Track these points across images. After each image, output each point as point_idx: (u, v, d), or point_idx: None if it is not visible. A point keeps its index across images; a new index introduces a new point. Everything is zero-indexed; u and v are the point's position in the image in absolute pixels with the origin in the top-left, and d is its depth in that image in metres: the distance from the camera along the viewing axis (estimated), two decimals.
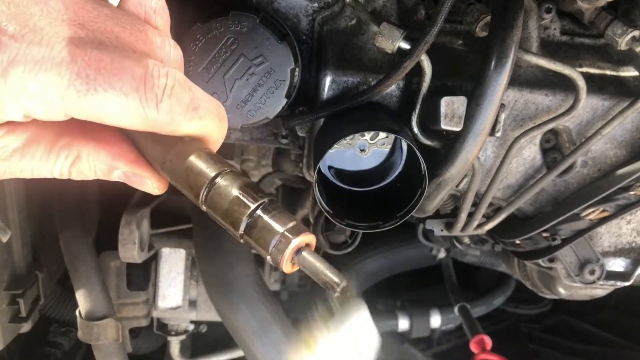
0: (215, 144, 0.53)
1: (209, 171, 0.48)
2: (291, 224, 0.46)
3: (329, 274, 0.45)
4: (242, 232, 0.47)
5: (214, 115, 0.51)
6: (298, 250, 0.46)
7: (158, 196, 1.40)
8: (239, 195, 0.47)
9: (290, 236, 0.46)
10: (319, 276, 0.46)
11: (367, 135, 0.89)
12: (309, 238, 0.47)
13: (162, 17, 0.53)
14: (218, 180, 0.48)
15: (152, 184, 0.53)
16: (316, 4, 0.88)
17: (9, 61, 0.42)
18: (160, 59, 0.49)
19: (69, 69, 0.42)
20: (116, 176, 0.52)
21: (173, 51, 0.52)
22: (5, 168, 0.49)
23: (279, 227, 0.46)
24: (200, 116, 0.49)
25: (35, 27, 0.42)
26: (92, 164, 0.50)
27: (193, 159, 0.49)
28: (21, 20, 0.42)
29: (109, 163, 0.51)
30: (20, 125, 0.47)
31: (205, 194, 0.48)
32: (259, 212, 0.47)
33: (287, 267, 0.46)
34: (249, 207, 0.47)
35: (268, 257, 0.46)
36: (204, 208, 0.49)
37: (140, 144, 0.52)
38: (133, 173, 0.52)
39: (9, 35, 0.42)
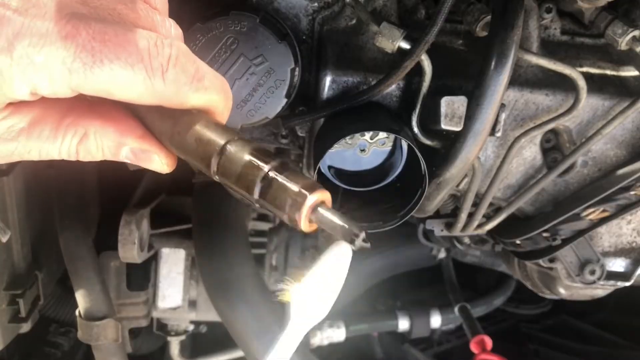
0: (222, 118, 0.53)
1: (219, 139, 0.48)
2: (306, 182, 0.46)
3: (348, 227, 0.45)
4: (258, 196, 0.47)
5: (219, 88, 0.51)
6: (315, 208, 0.46)
7: (158, 196, 1.41)
8: (251, 159, 0.47)
9: (306, 194, 0.45)
10: (338, 230, 0.45)
11: (367, 135, 0.89)
12: (324, 195, 0.46)
13: None
14: (228, 147, 0.48)
15: (160, 160, 0.52)
16: (316, 4, 0.88)
17: (15, 35, 0.42)
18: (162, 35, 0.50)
19: (75, 42, 0.42)
20: (124, 155, 0.51)
21: (173, 29, 0.52)
22: (13, 149, 0.49)
23: (294, 186, 0.46)
24: (205, 87, 0.49)
25: (39, 1, 0.43)
26: (99, 142, 0.50)
27: (202, 129, 0.49)
28: (32, 2, 0.43)
29: (116, 140, 0.50)
30: (26, 104, 0.47)
31: (216, 161, 0.48)
32: (272, 173, 0.47)
33: (305, 225, 0.46)
34: (262, 169, 0.47)
35: (285, 217, 0.46)
36: (216, 178, 0.49)
37: (148, 120, 0.51)
38: (141, 149, 0.51)
39: (13, 9, 0.42)
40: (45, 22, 0.42)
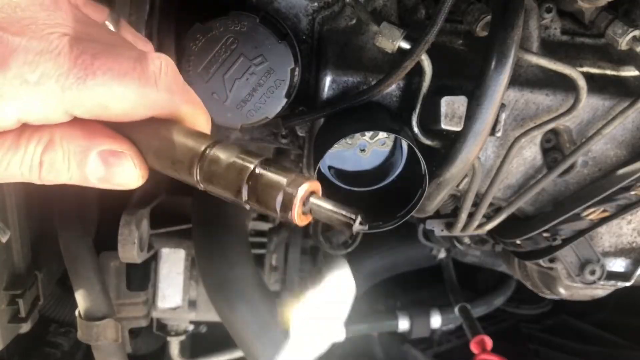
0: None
1: (201, 142, 0.48)
2: (293, 176, 0.45)
3: (343, 212, 0.45)
4: (246, 197, 0.46)
5: (202, 104, 0.52)
6: (306, 199, 0.45)
7: (158, 196, 1.41)
8: (236, 159, 0.46)
9: (295, 187, 0.45)
10: (333, 218, 0.45)
11: (367, 135, 0.89)
12: (314, 185, 0.46)
13: None
14: (211, 149, 0.47)
15: (133, 162, 0.48)
16: (316, 4, 0.88)
17: (10, 52, 0.42)
18: None
19: (67, 58, 0.43)
20: (92, 165, 0.47)
21: None
22: None
23: (282, 180, 0.45)
24: (194, 100, 0.50)
25: (38, 27, 0.44)
26: (66, 149, 0.46)
27: (184, 134, 0.48)
28: (25, 23, 0.44)
29: (84, 144, 0.47)
30: None
31: (200, 165, 0.47)
32: (258, 170, 0.46)
33: (300, 219, 0.45)
34: (248, 167, 0.46)
35: (278, 214, 0.45)
36: (200, 186, 0.48)
37: (124, 129, 0.49)
38: (111, 151, 0.47)
39: (12, 32, 0.43)
40: (41, 42, 0.43)
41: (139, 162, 0.49)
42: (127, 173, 0.48)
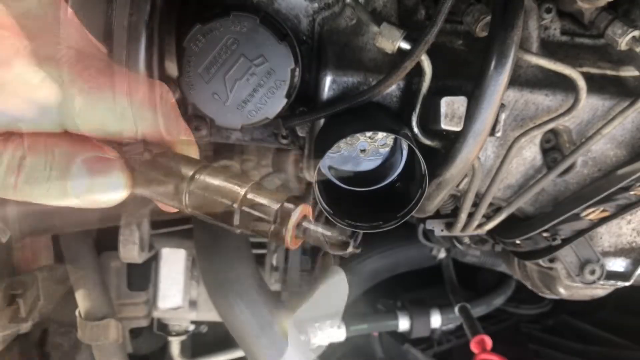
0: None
1: (191, 166, 0.47)
2: (284, 200, 0.45)
3: (334, 237, 0.45)
4: (238, 222, 0.45)
5: (192, 136, 0.54)
6: (299, 223, 0.45)
7: None
8: (226, 183, 0.46)
9: (289, 211, 0.45)
10: (324, 241, 0.45)
11: (367, 135, 0.89)
12: (305, 209, 0.46)
13: None
14: (201, 173, 0.47)
15: (119, 169, 0.46)
16: (316, 5, 0.88)
17: (16, 53, 0.43)
18: None
19: (73, 68, 0.43)
20: (75, 176, 0.44)
21: None
22: None
23: (274, 205, 0.45)
24: (186, 130, 0.52)
25: (48, 36, 0.45)
26: (49, 154, 0.43)
27: (175, 157, 0.48)
28: (36, 31, 0.44)
29: (69, 152, 0.44)
30: None
31: (189, 188, 0.46)
32: (249, 195, 0.45)
33: (292, 243, 0.45)
34: (239, 192, 0.45)
35: (271, 238, 0.45)
36: (188, 210, 0.47)
37: (116, 149, 0.48)
38: (96, 158, 0.45)
39: (21, 37, 0.44)
40: (49, 50, 0.43)
41: (125, 168, 0.47)
42: (113, 182, 0.46)
